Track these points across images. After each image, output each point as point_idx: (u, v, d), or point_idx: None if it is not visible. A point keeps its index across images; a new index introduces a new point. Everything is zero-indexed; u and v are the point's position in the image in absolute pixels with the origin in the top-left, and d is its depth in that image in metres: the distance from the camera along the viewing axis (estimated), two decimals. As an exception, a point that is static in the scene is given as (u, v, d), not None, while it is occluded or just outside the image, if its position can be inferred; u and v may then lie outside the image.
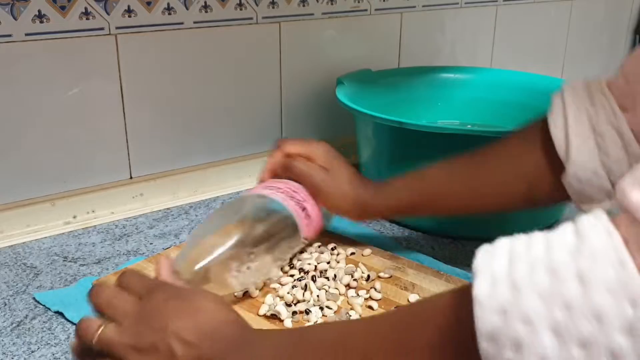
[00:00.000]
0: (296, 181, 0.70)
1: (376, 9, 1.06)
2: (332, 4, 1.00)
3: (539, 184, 0.62)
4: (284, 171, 0.71)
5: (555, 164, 0.59)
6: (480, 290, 0.33)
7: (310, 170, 0.70)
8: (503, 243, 0.35)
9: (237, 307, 0.61)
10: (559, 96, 0.61)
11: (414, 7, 1.11)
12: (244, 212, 0.64)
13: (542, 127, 0.61)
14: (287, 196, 0.67)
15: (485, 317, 0.32)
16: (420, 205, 0.69)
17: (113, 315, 0.46)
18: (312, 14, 0.99)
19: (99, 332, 0.45)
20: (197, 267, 0.57)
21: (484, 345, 0.32)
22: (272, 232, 0.63)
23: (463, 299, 0.35)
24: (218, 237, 0.60)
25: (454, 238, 0.80)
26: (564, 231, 0.32)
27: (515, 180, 0.64)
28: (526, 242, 0.34)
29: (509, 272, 0.32)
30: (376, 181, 0.71)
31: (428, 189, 0.68)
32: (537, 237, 0.33)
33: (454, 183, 0.67)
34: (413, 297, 0.63)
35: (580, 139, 0.57)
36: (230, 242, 0.59)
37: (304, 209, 0.67)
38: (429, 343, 0.38)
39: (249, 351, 0.45)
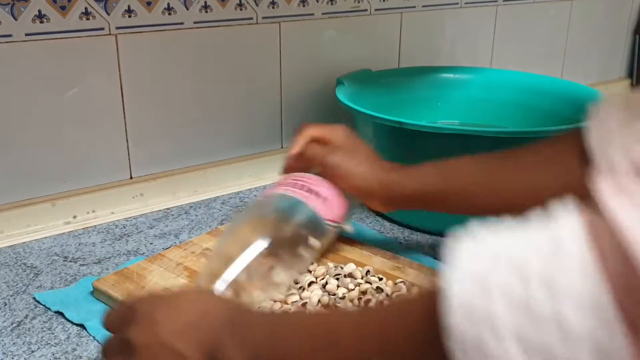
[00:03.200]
0: (314, 168, 0.67)
1: (376, 9, 1.06)
2: (332, 4, 1.00)
3: (577, 194, 0.60)
4: (300, 161, 0.68)
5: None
6: (450, 289, 0.31)
7: (326, 152, 0.67)
8: (471, 239, 0.33)
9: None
10: (597, 109, 0.56)
11: (414, 7, 1.11)
12: (258, 218, 0.61)
13: (580, 137, 0.57)
14: (294, 187, 0.63)
15: (453, 319, 0.31)
16: (451, 195, 0.64)
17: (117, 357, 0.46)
18: (312, 14, 0.99)
19: None
20: (221, 283, 0.54)
21: (451, 346, 0.31)
22: (292, 233, 0.60)
23: (432, 297, 0.33)
24: (240, 247, 0.57)
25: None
26: (539, 231, 0.31)
27: (554, 184, 0.59)
28: (506, 243, 0.32)
29: (482, 275, 0.31)
30: (399, 164, 0.67)
31: (461, 179, 0.63)
32: (510, 235, 0.32)
33: (489, 176, 0.62)
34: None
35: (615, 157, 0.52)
36: (253, 254, 0.56)
37: (313, 192, 0.63)
38: (404, 341, 0.37)
39: (242, 329, 0.44)
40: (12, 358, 0.57)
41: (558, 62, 1.45)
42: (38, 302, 0.66)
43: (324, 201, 0.63)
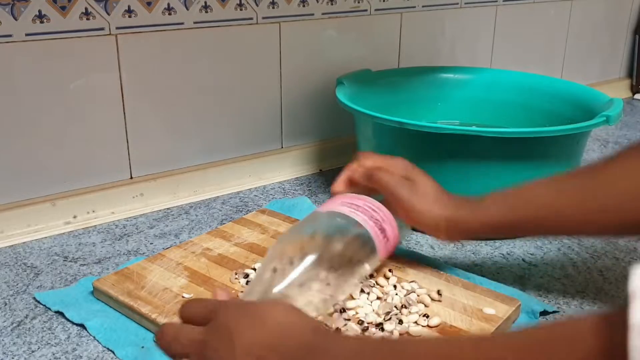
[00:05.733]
0: (375, 195, 0.65)
1: (376, 9, 1.06)
2: (332, 4, 1.00)
3: None
4: (366, 180, 0.66)
5: None
6: (638, 317, 0.30)
7: (396, 182, 0.64)
8: None
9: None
10: None
11: (414, 7, 1.11)
12: (319, 231, 0.59)
13: None
14: (366, 216, 0.62)
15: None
16: (523, 224, 0.62)
17: (182, 351, 0.45)
18: (312, 14, 0.99)
19: None
20: (273, 291, 0.53)
21: None
22: (348, 254, 0.58)
23: (613, 325, 0.31)
24: (288, 260, 0.55)
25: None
26: None
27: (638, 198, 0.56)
28: None
29: None
30: (466, 196, 0.64)
31: (532, 205, 0.61)
32: None
33: (563, 199, 0.59)
34: (413, 296, 0.63)
35: None
36: (307, 264, 0.55)
37: (382, 230, 0.62)
38: None
39: (323, 358, 0.42)
40: (13, 358, 0.57)
41: (558, 62, 1.45)
42: (38, 302, 0.66)
43: (381, 228, 0.61)
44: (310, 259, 0.55)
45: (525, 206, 0.61)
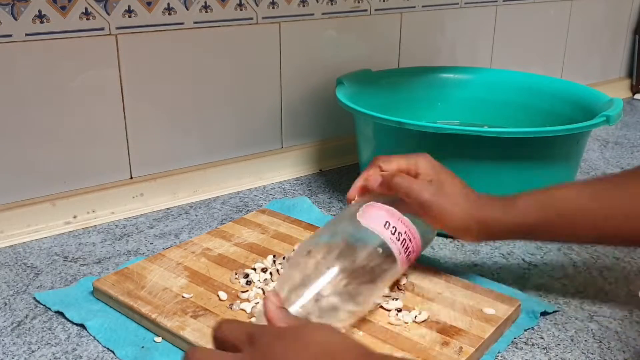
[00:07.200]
0: (398, 198, 0.61)
1: (376, 9, 1.06)
2: (332, 4, 1.00)
3: None
4: (384, 189, 0.62)
5: None
6: None
7: (417, 186, 0.61)
8: None
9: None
10: None
11: (414, 7, 1.11)
12: (339, 241, 0.58)
13: None
14: (390, 232, 0.59)
15: None
16: (556, 226, 0.60)
17: None
18: (312, 14, 0.99)
19: None
20: (295, 307, 0.51)
21: None
22: (369, 266, 0.57)
23: None
24: (317, 269, 0.54)
25: (454, 238, 0.80)
26: None
27: None
28: None
29: None
30: (495, 195, 0.62)
31: (565, 208, 0.60)
32: None
33: (596, 204, 0.59)
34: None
35: None
36: (328, 277, 0.53)
37: (406, 247, 0.60)
38: None
39: None
40: (13, 358, 0.57)
41: (558, 62, 1.45)
42: (38, 302, 0.66)
43: (406, 252, 0.59)
44: (332, 271, 0.54)
45: (559, 208, 0.60)
